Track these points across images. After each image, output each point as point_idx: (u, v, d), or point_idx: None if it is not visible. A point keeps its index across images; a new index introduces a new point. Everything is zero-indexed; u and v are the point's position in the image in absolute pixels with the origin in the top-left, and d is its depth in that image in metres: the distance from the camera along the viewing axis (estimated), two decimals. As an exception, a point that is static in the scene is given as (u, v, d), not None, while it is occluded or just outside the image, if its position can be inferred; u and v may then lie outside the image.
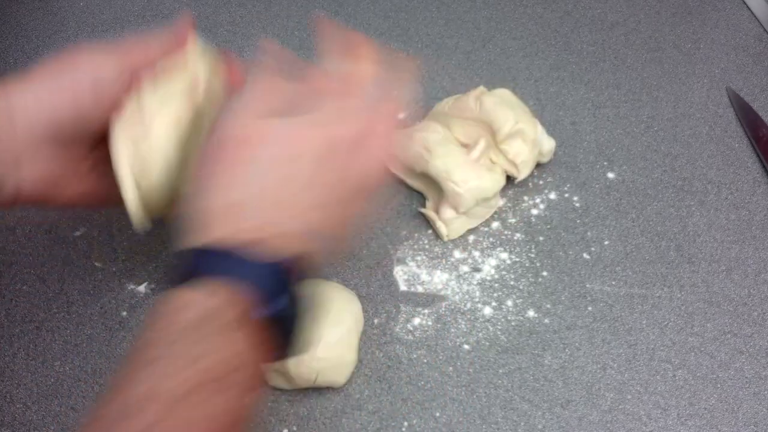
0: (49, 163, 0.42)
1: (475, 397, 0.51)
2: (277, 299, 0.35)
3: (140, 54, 0.43)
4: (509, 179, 0.61)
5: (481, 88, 0.62)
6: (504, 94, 0.61)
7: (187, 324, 0.33)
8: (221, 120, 0.40)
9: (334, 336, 0.49)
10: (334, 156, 0.39)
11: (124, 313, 0.54)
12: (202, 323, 0.33)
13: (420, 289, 0.56)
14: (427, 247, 0.59)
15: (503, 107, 0.59)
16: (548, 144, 0.62)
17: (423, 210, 0.60)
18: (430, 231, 0.60)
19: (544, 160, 0.63)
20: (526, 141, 0.59)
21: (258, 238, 0.36)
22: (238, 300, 0.34)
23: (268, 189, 0.37)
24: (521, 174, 0.60)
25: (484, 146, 0.60)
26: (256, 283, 0.34)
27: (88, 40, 0.72)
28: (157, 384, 0.31)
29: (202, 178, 0.38)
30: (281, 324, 0.36)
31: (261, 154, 0.38)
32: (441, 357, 0.53)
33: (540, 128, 0.61)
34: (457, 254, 0.58)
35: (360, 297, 0.54)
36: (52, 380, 0.51)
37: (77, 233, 0.58)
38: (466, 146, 0.61)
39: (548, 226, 0.60)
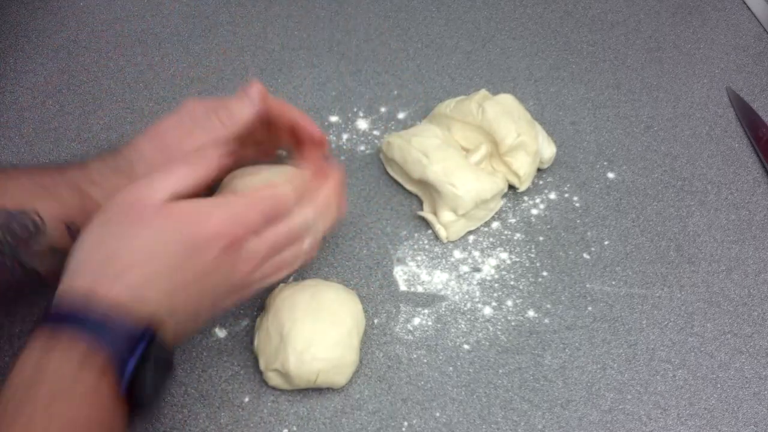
0: None
1: (475, 397, 0.51)
2: (130, 363, 0.37)
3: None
4: (510, 186, 0.61)
5: (483, 92, 0.62)
6: (506, 100, 0.61)
7: (61, 385, 0.34)
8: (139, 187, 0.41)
9: (334, 336, 0.49)
10: (201, 250, 0.40)
11: (124, 313, 0.54)
12: (78, 378, 0.35)
13: (420, 289, 0.56)
14: (426, 247, 0.59)
15: (505, 119, 0.59)
16: (549, 152, 0.62)
17: (421, 213, 0.60)
18: (429, 231, 0.60)
19: (544, 166, 0.63)
20: (528, 153, 0.59)
21: (119, 299, 0.37)
22: (103, 357, 0.36)
23: (137, 260, 0.39)
24: (523, 185, 0.60)
25: (485, 152, 0.60)
26: (112, 344, 0.36)
27: (88, 40, 0.72)
28: None
29: (95, 232, 0.40)
30: (137, 387, 0.37)
31: (148, 228, 0.39)
32: (441, 357, 0.53)
33: (542, 135, 0.62)
34: (457, 254, 0.58)
35: (360, 297, 0.54)
36: (52, 380, 0.51)
37: (77, 233, 0.58)
38: (467, 150, 0.61)
39: (548, 226, 0.60)
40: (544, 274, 0.58)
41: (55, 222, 0.42)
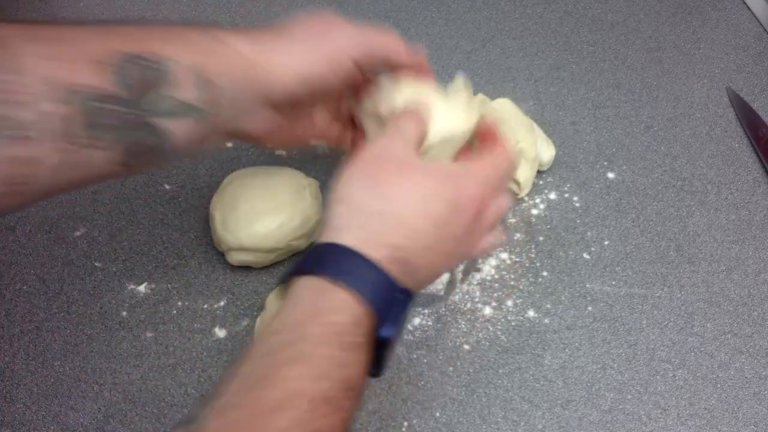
0: (274, 114, 0.46)
1: (475, 397, 0.51)
2: (390, 325, 0.37)
3: (381, 45, 0.48)
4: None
5: (481, 97, 0.62)
6: (504, 105, 0.61)
7: (339, 329, 0.35)
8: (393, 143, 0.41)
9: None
10: (461, 211, 0.40)
11: (124, 313, 0.54)
12: (349, 332, 0.35)
13: (420, 289, 0.56)
14: (427, 247, 0.59)
15: (503, 126, 0.59)
16: (548, 155, 0.62)
17: None
18: (430, 231, 0.60)
19: (544, 168, 0.63)
20: (527, 160, 0.59)
21: (403, 258, 0.38)
22: (371, 317, 0.36)
23: (403, 220, 0.38)
24: (523, 192, 0.60)
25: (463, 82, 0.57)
26: (383, 304, 0.36)
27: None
28: (305, 384, 0.33)
29: (358, 183, 0.40)
30: (382, 348, 0.37)
31: (409, 187, 0.39)
32: (441, 357, 0.53)
33: (540, 138, 0.62)
34: (457, 254, 0.58)
35: (360, 297, 0.54)
36: (52, 380, 0.51)
37: (77, 233, 0.58)
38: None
39: (548, 226, 0.60)
40: (544, 274, 0.58)
41: (184, 71, 0.39)
